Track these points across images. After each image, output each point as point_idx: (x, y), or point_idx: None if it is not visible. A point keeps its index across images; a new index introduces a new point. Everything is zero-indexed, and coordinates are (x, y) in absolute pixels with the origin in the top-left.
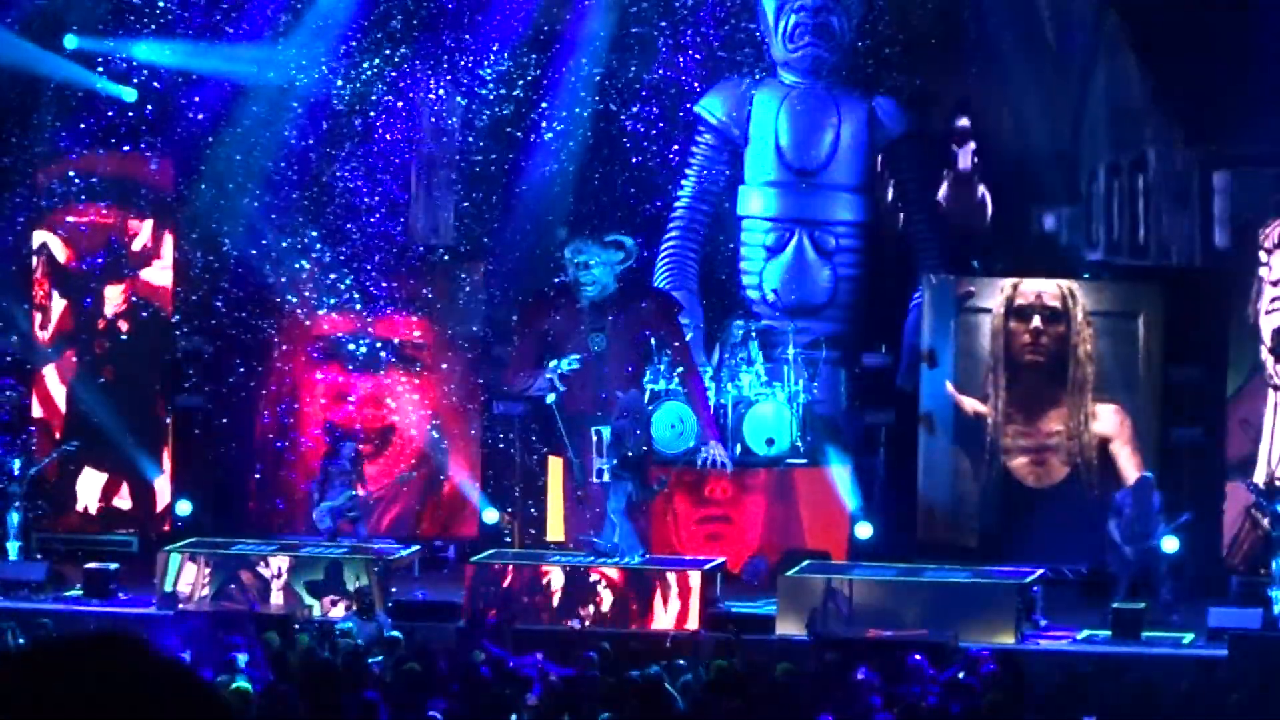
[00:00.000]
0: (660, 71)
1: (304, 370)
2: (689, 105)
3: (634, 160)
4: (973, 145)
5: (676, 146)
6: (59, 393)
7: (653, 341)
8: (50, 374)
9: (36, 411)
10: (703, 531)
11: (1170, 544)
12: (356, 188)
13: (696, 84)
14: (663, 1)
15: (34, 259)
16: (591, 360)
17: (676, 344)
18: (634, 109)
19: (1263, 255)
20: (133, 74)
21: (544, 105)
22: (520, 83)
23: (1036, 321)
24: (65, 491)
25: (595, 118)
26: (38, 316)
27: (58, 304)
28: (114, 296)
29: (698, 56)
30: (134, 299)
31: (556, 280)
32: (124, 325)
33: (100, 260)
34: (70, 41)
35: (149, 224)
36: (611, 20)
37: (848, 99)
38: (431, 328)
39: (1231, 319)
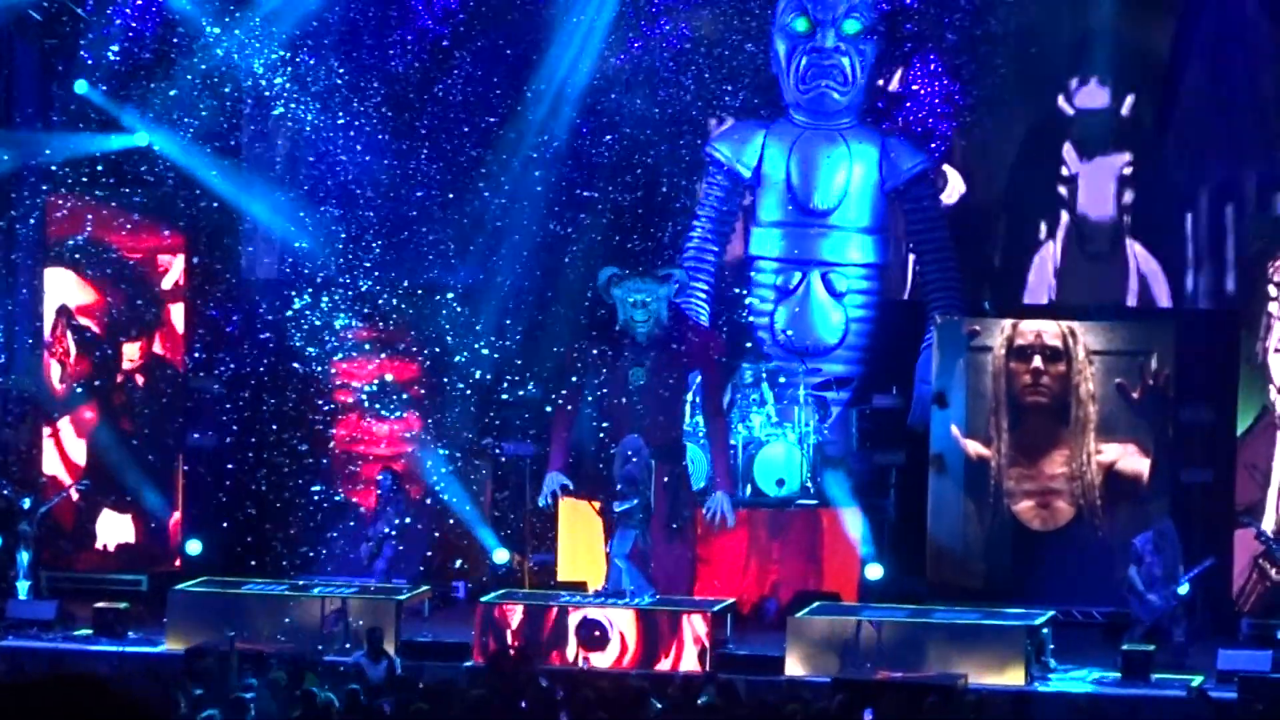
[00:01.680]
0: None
1: (319, 412)
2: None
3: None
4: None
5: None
6: (77, 444)
7: (695, 378)
8: (66, 426)
9: (51, 461)
10: None
11: (1181, 588)
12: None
13: (711, 122)
14: (671, 40)
15: (53, 317)
16: (632, 393)
17: (710, 383)
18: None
19: (1272, 289)
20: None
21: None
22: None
23: (1037, 361)
24: (84, 531)
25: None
26: (56, 369)
27: (75, 358)
28: (131, 353)
29: (708, 97)
30: (151, 355)
31: (570, 314)
32: (140, 379)
33: (124, 292)
34: (80, 86)
35: (180, 259)
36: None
37: (859, 140)
38: (438, 368)
39: (1242, 358)
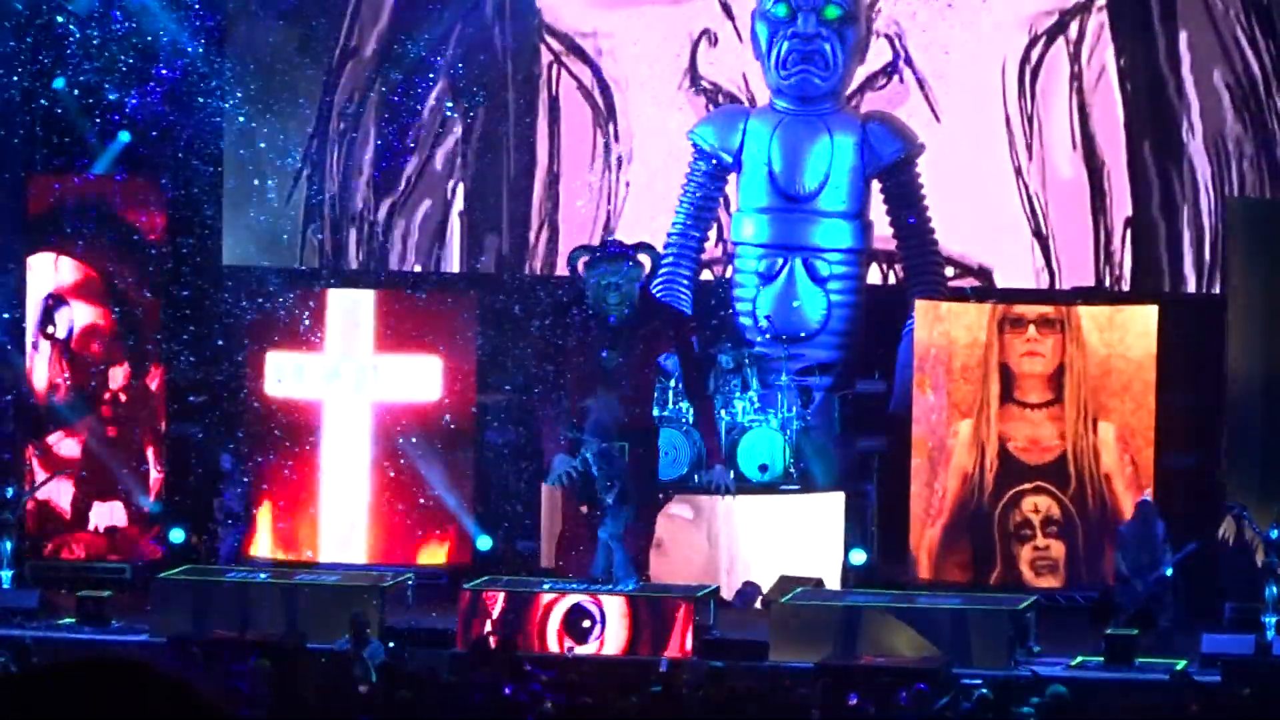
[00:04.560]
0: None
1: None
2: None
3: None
4: None
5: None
6: (71, 447)
7: (668, 361)
8: (59, 437)
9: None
10: None
11: (1165, 571)
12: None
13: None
14: None
15: (46, 327)
16: (604, 376)
17: (690, 366)
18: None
19: None
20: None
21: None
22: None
23: (1032, 331)
24: (79, 521)
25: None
26: (43, 376)
27: (69, 377)
28: (117, 376)
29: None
30: (133, 381)
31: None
32: (124, 397)
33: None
34: (58, 83)
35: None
36: None
37: (840, 125)
38: (429, 357)
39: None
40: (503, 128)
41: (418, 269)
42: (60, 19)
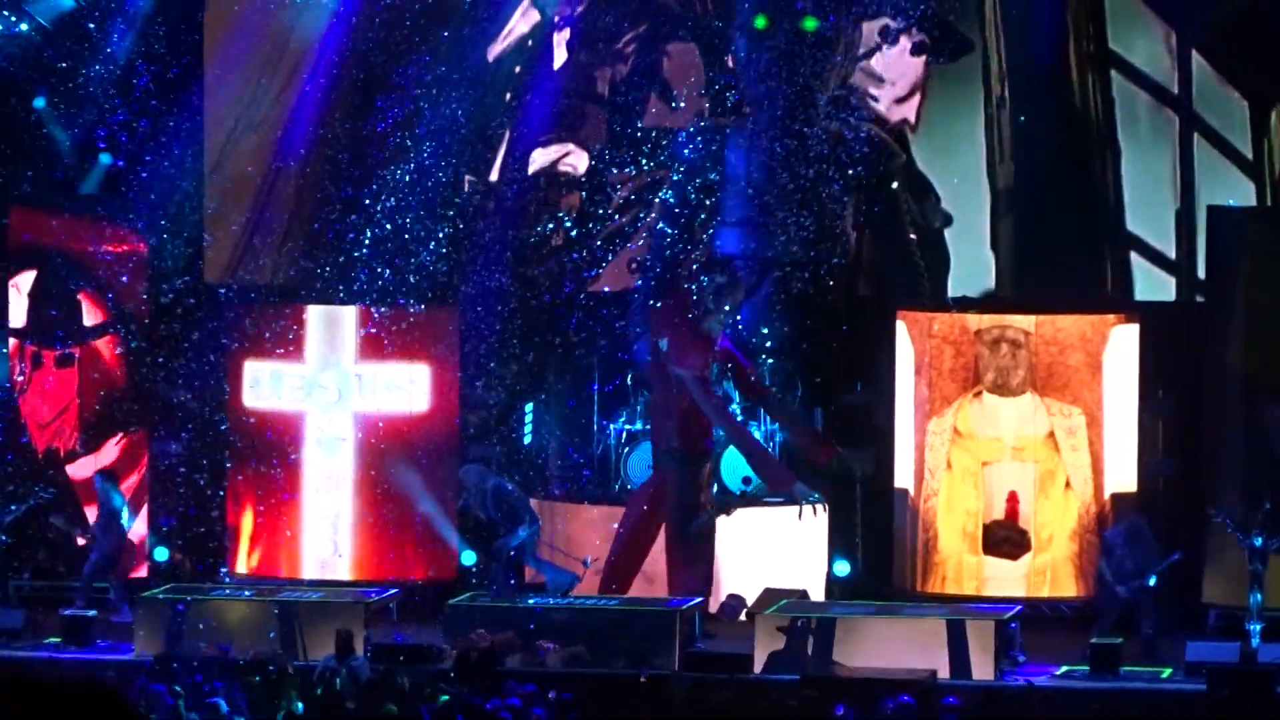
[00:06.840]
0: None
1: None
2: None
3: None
4: None
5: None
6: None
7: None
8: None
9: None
10: None
11: (1149, 581)
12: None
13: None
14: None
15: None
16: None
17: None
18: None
19: None
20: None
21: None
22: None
23: (1004, 349)
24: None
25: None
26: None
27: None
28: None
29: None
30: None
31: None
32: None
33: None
34: (39, 102)
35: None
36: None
37: (817, 135)
38: (415, 370)
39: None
40: None
41: None
42: (37, 38)
